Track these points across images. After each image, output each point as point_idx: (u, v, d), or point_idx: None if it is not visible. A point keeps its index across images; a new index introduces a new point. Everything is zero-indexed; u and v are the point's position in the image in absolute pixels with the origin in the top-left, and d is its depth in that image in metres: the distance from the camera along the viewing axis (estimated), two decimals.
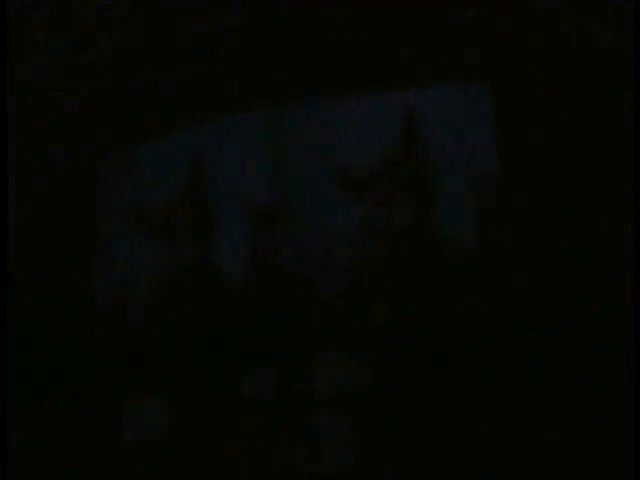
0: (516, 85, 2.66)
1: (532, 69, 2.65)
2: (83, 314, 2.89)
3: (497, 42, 2.68)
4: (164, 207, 2.83)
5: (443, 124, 2.67)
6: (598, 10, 2.60)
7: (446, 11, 2.72)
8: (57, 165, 2.99)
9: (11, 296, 2.87)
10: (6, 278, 2.87)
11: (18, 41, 3.07)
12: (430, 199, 2.65)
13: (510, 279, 2.58)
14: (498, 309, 2.57)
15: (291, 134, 2.76)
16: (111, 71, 2.97)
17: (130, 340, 2.82)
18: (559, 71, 2.64)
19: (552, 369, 2.51)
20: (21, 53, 3.07)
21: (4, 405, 2.62)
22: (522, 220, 2.61)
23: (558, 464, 2.44)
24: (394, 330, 2.60)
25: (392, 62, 2.75)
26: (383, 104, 2.71)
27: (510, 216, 2.61)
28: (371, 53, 2.77)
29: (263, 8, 2.87)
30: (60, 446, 2.76)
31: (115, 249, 2.89)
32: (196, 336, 2.75)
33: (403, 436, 2.51)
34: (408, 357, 2.58)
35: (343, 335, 2.63)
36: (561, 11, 2.64)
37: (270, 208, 2.74)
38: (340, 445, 2.53)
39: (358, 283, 2.66)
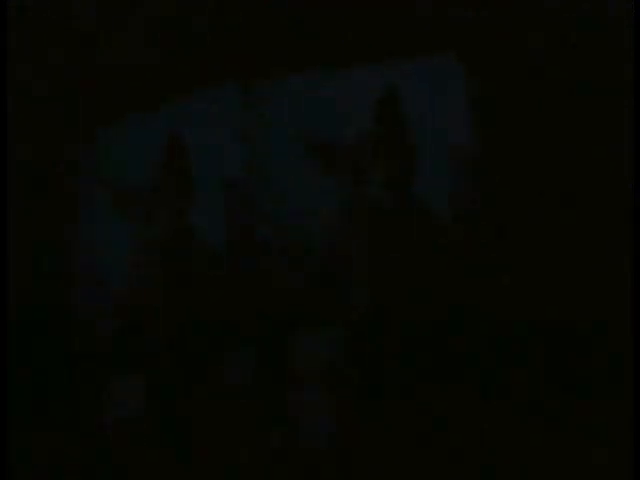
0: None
1: (514, 46, 2.65)
2: (62, 297, 2.89)
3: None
4: (140, 184, 2.83)
5: (418, 98, 2.66)
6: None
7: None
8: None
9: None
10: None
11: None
12: (406, 172, 2.65)
13: (491, 257, 2.58)
14: (476, 287, 2.57)
15: (267, 108, 2.76)
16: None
17: (110, 321, 2.81)
18: (544, 48, 2.64)
19: (534, 361, 2.51)
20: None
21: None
22: (500, 191, 2.61)
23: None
24: (372, 308, 2.60)
25: (366, 35, 2.74)
26: (360, 76, 2.70)
27: (487, 188, 2.61)
28: (345, 26, 2.76)
29: None
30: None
31: (95, 229, 2.88)
32: (174, 315, 2.75)
33: (385, 413, 2.51)
34: (387, 336, 2.58)
35: (320, 313, 2.63)
36: None
37: (246, 183, 2.73)
38: (320, 423, 2.54)
39: (335, 259, 2.65)
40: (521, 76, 2.64)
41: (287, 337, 2.62)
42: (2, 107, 3.00)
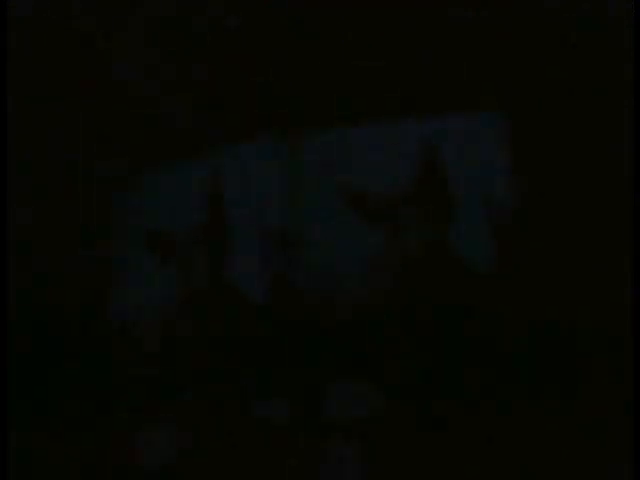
0: (530, 109, 2.65)
1: (545, 92, 2.65)
2: (98, 335, 2.90)
3: (511, 69, 2.69)
4: (181, 230, 2.83)
5: (458, 151, 2.65)
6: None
7: (460, 39, 2.73)
8: (69, 178, 3.00)
9: (25, 311, 2.89)
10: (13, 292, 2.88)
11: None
12: (446, 226, 2.64)
13: (527, 308, 2.57)
14: (515, 336, 2.56)
15: (307, 161, 2.76)
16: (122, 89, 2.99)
17: (144, 362, 2.82)
18: (569, 91, 2.64)
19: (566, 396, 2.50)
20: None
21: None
22: (538, 247, 2.60)
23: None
24: (411, 357, 2.60)
25: (407, 90, 2.75)
26: (399, 131, 2.70)
27: (526, 243, 2.60)
28: (386, 81, 2.78)
29: (278, 34, 2.88)
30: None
31: (131, 271, 2.89)
32: (210, 358, 2.75)
33: (419, 465, 2.49)
34: (425, 385, 2.57)
35: (359, 361, 2.63)
36: (567, 21, 2.64)
37: (286, 234, 2.73)
38: (353, 474, 2.52)
39: (374, 309, 2.65)
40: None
41: (322, 388, 2.62)
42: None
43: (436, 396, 2.56)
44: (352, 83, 2.82)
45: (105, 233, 2.98)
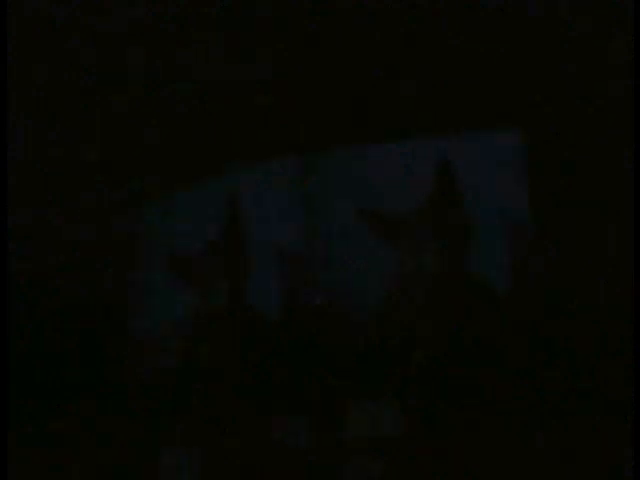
0: (548, 129, 2.68)
1: (563, 111, 2.67)
2: (116, 355, 2.90)
3: (529, 88, 2.72)
4: (198, 252, 2.82)
5: (476, 171, 2.68)
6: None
7: (477, 60, 2.76)
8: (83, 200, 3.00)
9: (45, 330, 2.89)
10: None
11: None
12: (463, 245, 2.65)
13: (544, 325, 2.59)
14: (532, 354, 2.58)
15: (324, 180, 2.77)
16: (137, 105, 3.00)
17: (161, 383, 2.81)
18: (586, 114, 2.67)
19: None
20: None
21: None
22: (556, 266, 2.62)
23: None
24: (428, 377, 2.61)
25: (424, 108, 2.78)
26: (416, 150, 2.72)
27: (544, 263, 2.62)
28: (401, 98, 2.81)
29: (294, 53, 2.91)
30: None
31: (147, 288, 2.88)
32: (226, 380, 2.75)
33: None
34: (443, 404, 2.58)
35: (377, 381, 2.64)
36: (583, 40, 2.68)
37: (302, 253, 2.73)
38: None
39: (391, 329, 2.66)
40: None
41: (341, 405, 2.61)
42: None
43: (454, 413, 2.56)
44: (368, 101, 2.85)
45: (122, 251, 2.98)
